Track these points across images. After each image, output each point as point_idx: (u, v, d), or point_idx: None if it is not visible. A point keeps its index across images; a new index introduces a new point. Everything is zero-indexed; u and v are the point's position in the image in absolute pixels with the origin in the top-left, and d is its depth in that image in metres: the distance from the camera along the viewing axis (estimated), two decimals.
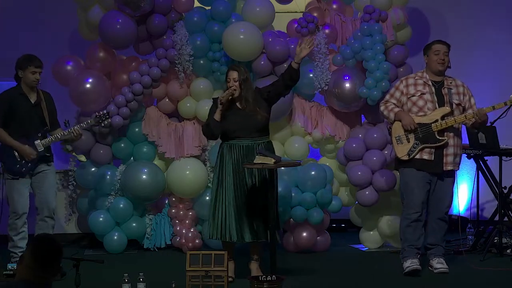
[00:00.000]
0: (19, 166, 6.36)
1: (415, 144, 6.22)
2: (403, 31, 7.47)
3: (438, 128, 6.18)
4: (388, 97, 6.41)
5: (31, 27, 7.86)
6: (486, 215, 7.83)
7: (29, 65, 6.34)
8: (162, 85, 7.32)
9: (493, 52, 8.26)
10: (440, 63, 6.26)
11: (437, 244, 6.37)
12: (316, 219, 7.09)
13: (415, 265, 6.20)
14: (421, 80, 6.31)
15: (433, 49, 6.30)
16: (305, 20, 7.31)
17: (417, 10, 8.25)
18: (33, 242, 3.25)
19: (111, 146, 7.36)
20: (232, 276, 6.12)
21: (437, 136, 6.20)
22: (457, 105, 6.26)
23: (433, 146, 6.19)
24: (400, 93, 6.34)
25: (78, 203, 7.59)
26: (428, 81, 6.29)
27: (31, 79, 6.35)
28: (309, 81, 7.36)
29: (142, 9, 7.06)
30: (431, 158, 6.21)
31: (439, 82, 6.31)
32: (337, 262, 6.86)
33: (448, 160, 6.24)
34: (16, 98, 6.38)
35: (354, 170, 7.20)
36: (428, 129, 6.19)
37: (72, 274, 5.05)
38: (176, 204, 7.38)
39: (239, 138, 6.07)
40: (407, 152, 6.23)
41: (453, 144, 6.25)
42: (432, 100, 6.24)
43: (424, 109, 6.24)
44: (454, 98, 6.27)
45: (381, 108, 6.41)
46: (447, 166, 6.24)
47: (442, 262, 6.32)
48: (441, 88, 6.28)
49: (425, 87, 6.27)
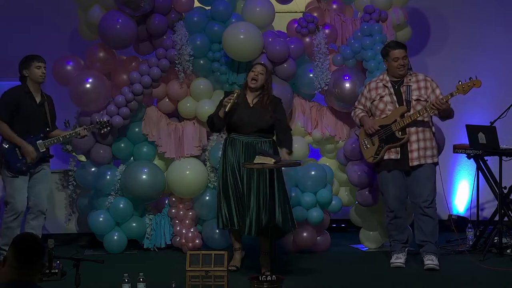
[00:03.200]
0: (20, 164, 6.41)
1: (380, 146, 6.44)
2: (403, 31, 7.47)
3: (398, 128, 6.35)
4: (356, 103, 6.70)
5: (31, 27, 7.86)
6: (486, 215, 7.83)
7: (33, 62, 6.48)
8: (162, 85, 7.32)
9: (493, 52, 8.25)
10: (399, 69, 6.40)
11: (426, 241, 6.41)
12: (316, 219, 7.09)
13: (398, 263, 6.49)
14: (381, 82, 6.49)
15: (391, 56, 6.41)
16: (305, 20, 7.31)
17: (417, 10, 8.25)
18: (15, 242, 3.24)
19: (111, 146, 7.36)
20: (237, 266, 6.34)
21: (398, 135, 6.36)
22: (416, 101, 6.37)
23: (396, 145, 6.37)
24: (364, 99, 6.58)
25: (78, 203, 7.59)
26: (387, 83, 6.46)
27: (38, 74, 6.49)
28: (309, 81, 7.37)
29: (142, 9, 7.06)
30: (398, 157, 6.41)
31: (398, 81, 6.44)
32: (337, 262, 6.86)
33: (413, 155, 6.37)
34: (22, 96, 6.48)
35: (354, 170, 7.20)
36: (389, 130, 6.38)
37: (72, 274, 5.05)
38: (176, 204, 7.38)
39: (241, 133, 6.20)
40: (372, 155, 6.47)
41: (417, 139, 6.38)
42: (391, 100, 6.42)
43: (385, 111, 6.43)
44: (414, 94, 6.38)
45: (352, 114, 6.72)
46: (412, 162, 6.39)
47: (432, 259, 6.38)
48: (400, 87, 6.42)
49: (384, 90, 6.45)
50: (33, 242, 3.23)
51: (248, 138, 6.21)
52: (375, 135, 6.43)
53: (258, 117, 6.20)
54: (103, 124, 6.77)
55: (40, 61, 6.52)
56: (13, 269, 3.17)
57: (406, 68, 6.42)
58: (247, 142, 6.20)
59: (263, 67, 6.39)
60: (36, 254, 3.21)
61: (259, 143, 6.18)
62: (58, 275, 6.11)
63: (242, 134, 6.22)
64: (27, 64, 6.49)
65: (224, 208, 6.26)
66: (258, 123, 6.20)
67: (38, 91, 6.56)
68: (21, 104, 6.44)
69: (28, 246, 3.21)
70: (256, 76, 6.28)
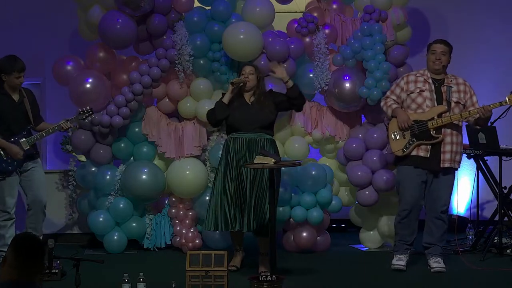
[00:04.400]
0: (5, 164, 6.39)
1: (411, 141, 6.30)
2: (403, 31, 7.46)
3: (434, 126, 6.23)
4: (388, 93, 6.53)
5: (31, 27, 7.86)
6: (486, 215, 7.83)
7: (13, 71, 6.37)
8: (162, 85, 7.32)
9: (493, 52, 8.26)
10: (434, 62, 6.33)
11: (434, 243, 6.38)
12: (316, 219, 7.09)
13: (399, 265, 6.36)
14: (421, 77, 6.38)
15: (431, 48, 6.40)
16: (305, 20, 7.31)
17: (417, 10, 8.25)
18: (15, 242, 3.23)
19: (111, 146, 7.36)
20: (237, 266, 6.36)
21: (433, 133, 6.24)
22: (456, 103, 6.29)
23: (428, 143, 6.25)
24: (400, 90, 6.42)
25: (78, 203, 7.59)
26: (429, 79, 6.35)
27: (16, 83, 6.44)
28: (309, 81, 7.37)
29: (142, 9, 7.06)
30: (427, 155, 6.27)
31: (440, 80, 6.35)
32: (337, 262, 6.86)
33: (446, 157, 6.26)
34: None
35: (354, 170, 7.20)
36: (424, 126, 6.25)
37: (72, 274, 5.04)
38: (176, 204, 7.38)
39: (243, 131, 6.22)
40: (402, 148, 6.31)
41: (451, 141, 6.27)
42: (431, 97, 6.29)
43: (422, 106, 6.30)
44: (454, 96, 6.29)
45: (381, 104, 6.54)
46: (444, 163, 6.27)
47: (438, 261, 6.34)
48: (441, 86, 6.33)
49: (425, 85, 6.33)
50: (33, 242, 3.22)
51: (250, 135, 6.23)
52: (408, 129, 6.29)
53: (258, 113, 6.25)
54: (86, 112, 6.67)
55: (21, 71, 6.40)
56: (12, 269, 3.16)
57: (441, 65, 6.31)
58: (250, 139, 6.22)
59: (251, 67, 6.43)
60: (36, 254, 3.20)
61: (261, 141, 6.19)
62: (58, 275, 6.11)
63: (244, 132, 6.24)
64: (8, 70, 6.37)
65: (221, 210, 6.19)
66: (259, 119, 6.24)
67: (15, 90, 6.49)
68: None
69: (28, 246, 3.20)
70: (247, 78, 6.31)
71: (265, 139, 6.25)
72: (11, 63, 6.40)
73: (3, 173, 6.42)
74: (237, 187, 6.19)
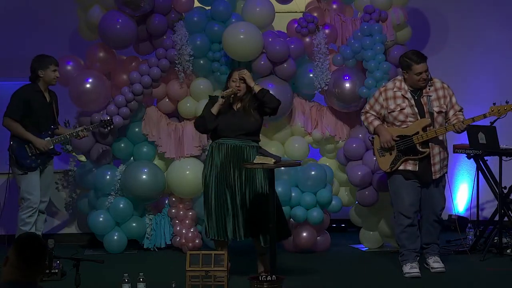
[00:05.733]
0: (29, 160, 6.51)
1: (397, 156, 6.22)
2: (403, 31, 7.46)
3: (419, 140, 6.15)
4: (367, 107, 6.35)
5: (31, 27, 7.86)
6: (486, 215, 7.83)
7: (50, 64, 6.57)
8: (162, 85, 7.32)
9: (493, 52, 8.26)
10: (421, 82, 6.17)
11: (432, 243, 6.40)
12: (316, 219, 7.09)
13: (414, 273, 6.19)
14: (399, 92, 6.21)
15: (414, 70, 6.14)
16: (305, 20, 7.31)
17: (417, 10, 8.24)
18: (17, 241, 3.22)
19: (111, 146, 7.36)
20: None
21: (419, 148, 6.17)
22: (438, 113, 6.20)
23: (416, 158, 6.19)
24: (379, 106, 6.28)
25: (78, 203, 7.59)
26: (407, 93, 6.20)
27: (52, 77, 6.59)
28: (309, 81, 7.37)
29: (142, 9, 7.06)
30: (415, 169, 6.21)
31: (418, 90, 6.22)
32: (337, 262, 6.86)
33: (436, 168, 6.24)
34: (34, 94, 6.56)
35: (354, 170, 7.20)
36: (409, 141, 6.16)
37: (72, 274, 5.04)
38: (176, 204, 7.38)
39: (228, 137, 6.08)
40: (389, 165, 6.25)
41: (438, 152, 6.25)
42: (413, 112, 6.18)
43: (406, 122, 6.19)
44: (434, 106, 6.20)
45: (362, 118, 6.40)
46: (435, 175, 6.25)
47: (438, 261, 6.35)
48: (420, 98, 6.21)
49: (404, 100, 6.19)
50: (37, 243, 3.22)
51: (235, 141, 6.07)
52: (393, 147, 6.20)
53: (244, 119, 6.07)
54: (106, 122, 6.85)
55: (57, 64, 6.62)
56: (14, 269, 3.16)
57: (427, 81, 6.20)
58: (235, 145, 6.05)
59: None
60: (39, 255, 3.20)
61: (247, 148, 6.07)
62: (58, 275, 6.11)
63: (229, 138, 6.07)
64: (44, 66, 6.55)
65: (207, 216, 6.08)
66: (244, 126, 6.06)
67: (47, 90, 6.66)
68: (32, 103, 6.53)
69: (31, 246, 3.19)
70: (238, 88, 6.09)
71: (250, 146, 6.08)
72: (46, 58, 6.58)
73: (27, 169, 6.52)
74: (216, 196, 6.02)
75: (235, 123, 6.07)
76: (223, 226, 6.02)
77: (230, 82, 6.14)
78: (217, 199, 6.03)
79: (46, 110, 6.60)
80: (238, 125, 6.06)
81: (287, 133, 7.48)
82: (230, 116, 6.10)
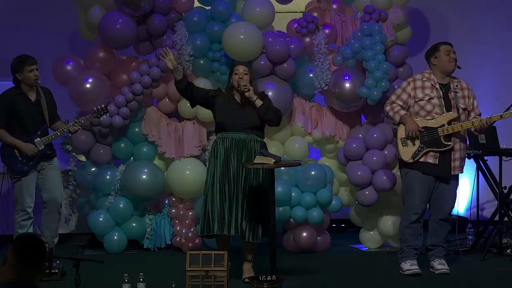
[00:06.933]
0: (20, 165, 6.46)
1: (420, 148, 6.20)
2: (403, 31, 7.47)
3: (444, 133, 6.16)
4: (394, 97, 6.34)
5: (31, 27, 7.86)
6: (486, 215, 7.83)
7: (24, 66, 6.43)
8: (162, 85, 7.33)
9: (493, 51, 8.26)
10: (452, 62, 6.25)
11: (438, 245, 6.36)
12: (316, 219, 7.09)
13: (415, 269, 6.22)
14: (428, 82, 6.27)
15: (442, 50, 6.26)
16: (305, 20, 7.31)
17: (417, 10, 8.25)
18: (16, 242, 3.22)
19: (111, 146, 7.36)
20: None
21: (443, 141, 6.18)
22: (463, 110, 6.25)
23: (439, 150, 6.18)
24: (407, 96, 6.29)
25: (78, 203, 7.59)
26: (436, 84, 6.25)
27: (31, 77, 6.45)
28: (309, 81, 7.37)
29: (142, 9, 7.06)
30: (435, 162, 6.20)
31: (446, 85, 6.28)
32: (337, 262, 6.86)
33: (456, 164, 6.24)
34: (16, 97, 6.49)
35: (354, 170, 7.20)
36: (434, 133, 6.17)
37: (72, 274, 5.05)
38: (176, 204, 7.38)
39: (232, 131, 6.07)
40: (411, 156, 6.22)
41: (459, 148, 6.25)
42: (440, 104, 6.20)
43: (432, 114, 6.21)
44: (460, 102, 6.24)
45: (387, 108, 6.34)
46: (455, 170, 6.24)
47: (443, 263, 6.31)
48: (448, 92, 6.25)
49: (433, 91, 6.23)
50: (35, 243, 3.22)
51: (239, 135, 6.07)
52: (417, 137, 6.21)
53: (248, 113, 6.07)
54: (100, 111, 6.71)
55: (32, 63, 6.44)
56: (12, 269, 3.16)
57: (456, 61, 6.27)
58: (239, 139, 6.05)
59: (244, 67, 6.20)
60: (37, 255, 3.20)
61: (251, 142, 6.08)
62: (58, 275, 6.10)
63: (233, 132, 6.07)
64: (19, 68, 6.44)
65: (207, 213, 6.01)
66: (249, 120, 6.06)
67: (32, 89, 6.54)
68: (15, 106, 6.45)
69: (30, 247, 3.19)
70: (241, 78, 6.11)
71: (255, 140, 6.08)
72: (19, 59, 6.47)
73: (19, 173, 6.49)
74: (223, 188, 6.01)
75: (240, 117, 6.07)
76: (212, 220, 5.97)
77: (233, 75, 6.14)
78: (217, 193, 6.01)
79: (32, 111, 6.50)
80: (243, 119, 6.06)
81: (287, 133, 7.48)
82: (235, 110, 6.10)
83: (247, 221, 5.97)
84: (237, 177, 6.02)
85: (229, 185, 6.01)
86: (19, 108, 6.45)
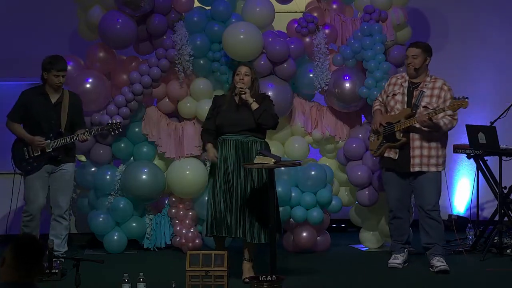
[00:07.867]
0: (25, 163, 6.46)
1: (382, 142, 6.48)
2: (403, 31, 7.46)
3: (398, 128, 6.35)
4: (378, 95, 6.75)
5: (31, 27, 7.86)
6: (486, 215, 7.83)
7: (52, 68, 6.37)
8: (162, 85, 7.32)
9: (493, 51, 8.26)
10: (407, 66, 6.45)
11: (434, 243, 6.38)
12: (316, 219, 7.09)
13: (394, 263, 6.50)
14: (400, 80, 6.51)
15: (407, 53, 6.48)
16: (305, 20, 7.31)
17: (417, 10, 8.25)
18: (14, 242, 3.21)
19: (111, 146, 7.36)
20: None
21: (398, 136, 6.36)
22: (424, 108, 6.29)
23: (393, 145, 6.39)
24: (383, 92, 6.64)
25: (78, 203, 7.58)
26: (405, 82, 6.46)
27: (54, 81, 6.40)
28: (309, 81, 7.37)
29: (142, 9, 7.06)
30: (395, 157, 6.41)
31: (417, 83, 6.42)
32: (337, 262, 6.86)
33: (415, 161, 6.34)
34: (35, 97, 6.46)
35: (354, 170, 7.20)
36: (391, 128, 6.39)
37: (72, 274, 5.05)
38: (176, 204, 7.38)
39: (231, 133, 6.09)
40: (374, 149, 6.55)
41: (420, 146, 6.33)
42: (402, 101, 6.42)
43: (394, 109, 6.45)
44: (424, 101, 6.32)
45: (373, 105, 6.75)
46: (414, 167, 6.36)
47: (441, 261, 6.33)
48: (414, 90, 6.39)
49: (400, 88, 6.45)
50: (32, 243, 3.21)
51: (239, 137, 6.09)
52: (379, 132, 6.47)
53: (246, 116, 6.07)
54: (113, 125, 6.69)
55: (59, 70, 6.36)
56: (11, 269, 3.16)
57: (413, 68, 6.36)
58: (238, 141, 6.07)
59: (246, 68, 6.19)
60: (36, 255, 3.19)
61: (250, 143, 6.09)
62: (58, 275, 6.11)
63: (232, 133, 6.09)
64: (47, 69, 6.39)
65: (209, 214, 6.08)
66: (247, 122, 6.06)
67: (57, 92, 6.47)
68: (33, 105, 6.42)
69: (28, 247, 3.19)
70: (242, 80, 6.13)
71: (254, 142, 6.08)
72: (51, 61, 6.40)
73: (22, 171, 6.49)
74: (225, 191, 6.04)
75: (240, 119, 6.08)
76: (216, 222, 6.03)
77: (235, 76, 6.20)
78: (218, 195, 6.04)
79: (50, 113, 6.44)
80: (241, 121, 6.07)
81: (287, 133, 7.48)
82: (234, 112, 6.11)
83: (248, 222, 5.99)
84: (237, 178, 6.03)
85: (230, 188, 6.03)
86: (36, 108, 6.42)
